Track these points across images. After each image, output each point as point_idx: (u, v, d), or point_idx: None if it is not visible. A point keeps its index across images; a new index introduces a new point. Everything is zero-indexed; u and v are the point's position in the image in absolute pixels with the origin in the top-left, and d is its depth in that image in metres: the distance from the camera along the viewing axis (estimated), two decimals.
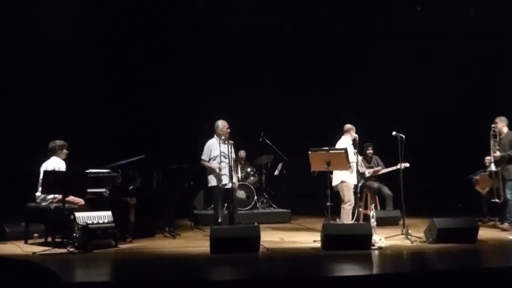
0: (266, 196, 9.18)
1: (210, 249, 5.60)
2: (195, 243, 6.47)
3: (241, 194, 8.61)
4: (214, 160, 6.82)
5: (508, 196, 7.05)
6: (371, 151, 8.53)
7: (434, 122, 9.74)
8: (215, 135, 6.93)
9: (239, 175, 8.58)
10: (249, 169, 9.03)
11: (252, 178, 9.00)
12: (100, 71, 9.01)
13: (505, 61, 9.02)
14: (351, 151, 6.95)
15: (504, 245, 6.23)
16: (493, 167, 7.30)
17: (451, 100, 9.59)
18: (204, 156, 6.88)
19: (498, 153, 7.23)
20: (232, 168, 6.81)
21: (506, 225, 7.07)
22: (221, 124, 6.88)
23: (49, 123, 8.07)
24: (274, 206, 9.08)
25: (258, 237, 5.67)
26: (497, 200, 7.30)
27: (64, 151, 6.48)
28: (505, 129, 7.28)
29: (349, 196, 6.96)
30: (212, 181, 6.87)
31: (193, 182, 7.90)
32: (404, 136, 6.52)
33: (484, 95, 9.29)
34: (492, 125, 7.35)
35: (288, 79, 10.03)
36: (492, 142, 7.35)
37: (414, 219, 7.72)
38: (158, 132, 9.31)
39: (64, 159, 6.45)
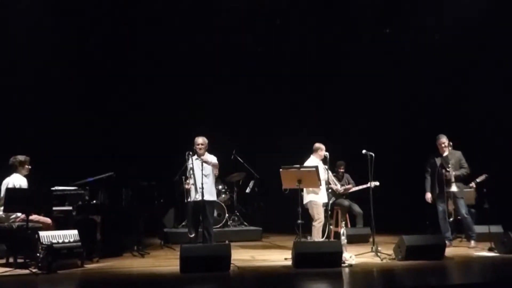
0: (238, 213, 9.12)
1: (180, 268, 5.51)
2: (165, 262, 6.36)
3: None
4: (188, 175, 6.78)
5: (464, 214, 7.13)
6: (343, 170, 8.64)
7: (404, 141, 9.88)
8: None
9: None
10: (220, 187, 8.95)
11: (223, 195, 8.93)
12: (69, 84, 8.83)
13: (478, 77, 9.27)
14: (321, 169, 7.01)
15: (469, 262, 6.34)
16: (454, 188, 7.11)
17: (421, 120, 9.82)
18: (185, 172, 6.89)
19: (453, 172, 7.10)
20: (201, 184, 6.61)
21: (473, 243, 7.12)
22: (195, 140, 6.78)
23: (13, 138, 7.82)
24: (246, 224, 9.03)
25: (229, 256, 5.62)
26: (450, 219, 7.29)
27: (26, 166, 6.24)
28: (446, 150, 7.26)
29: (318, 214, 6.99)
30: (186, 196, 6.83)
31: (163, 199, 7.80)
32: (373, 154, 6.62)
33: (453, 115, 9.53)
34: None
35: (260, 97, 10.06)
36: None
37: (384, 236, 7.79)
38: (128, 149, 9.15)
39: (26, 175, 6.23)
